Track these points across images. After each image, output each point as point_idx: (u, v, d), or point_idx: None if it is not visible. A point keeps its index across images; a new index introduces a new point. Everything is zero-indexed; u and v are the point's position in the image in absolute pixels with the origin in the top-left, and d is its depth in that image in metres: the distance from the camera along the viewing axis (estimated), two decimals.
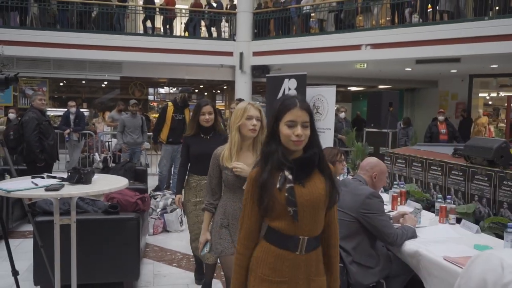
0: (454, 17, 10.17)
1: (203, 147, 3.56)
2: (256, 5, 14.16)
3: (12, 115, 9.30)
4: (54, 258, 2.90)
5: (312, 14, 12.98)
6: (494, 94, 15.57)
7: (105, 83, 16.60)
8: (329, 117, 6.88)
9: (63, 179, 2.86)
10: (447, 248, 2.61)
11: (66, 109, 9.62)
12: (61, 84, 16.40)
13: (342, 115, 9.96)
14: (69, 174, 2.85)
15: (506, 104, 10.37)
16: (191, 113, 6.05)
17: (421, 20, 10.84)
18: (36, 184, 2.73)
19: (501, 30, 9.18)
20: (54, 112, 12.82)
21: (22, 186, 2.67)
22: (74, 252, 2.95)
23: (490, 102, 15.69)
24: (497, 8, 9.73)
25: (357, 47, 11.27)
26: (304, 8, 12.85)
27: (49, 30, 12.10)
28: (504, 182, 3.18)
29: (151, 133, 10.31)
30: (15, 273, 3.08)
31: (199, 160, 3.55)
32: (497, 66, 11.78)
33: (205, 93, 19.35)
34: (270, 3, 13.84)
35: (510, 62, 10.50)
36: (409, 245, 2.75)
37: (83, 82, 16.23)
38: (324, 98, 6.93)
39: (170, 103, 7.25)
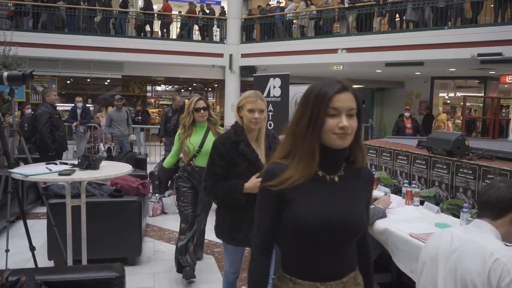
0: (418, 26, 10.28)
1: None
2: (246, 12, 14.10)
3: (28, 111, 9.21)
4: (66, 236, 2.90)
5: (294, 21, 12.99)
6: (452, 94, 15.77)
7: (108, 81, 16.44)
8: None
9: (74, 165, 2.86)
10: (412, 226, 2.65)
11: (73, 104, 9.53)
12: (69, 82, 16.19)
13: None
14: (79, 160, 2.84)
15: (462, 103, 10.54)
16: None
17: (390, 28, 10.94)
18: (50, 170, 2.72)
19: (458, 38, 9.31)
20: (62, 107, 12.65)
21: (38, 171, 2.66)
22: (84, 231, 2.95)
23: (448, 101, 15.88)
24: (452, 19, 9.87)
25: (334, 50, 11.32)
26: (287, 15, 12.85)
27: (58, 33, 11.96)
28: (460, 170, 3.24)
29: (139, 126, 10.33)
30: (32, 248, 3.07)
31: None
32: (454, 69, 11.93)
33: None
34: (257, 10, 13.80)
35: (465, 66, 10.67)
36: (379, 224, 2.79)
37: (88, 80, 16.05)
38: None
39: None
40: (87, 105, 11.45)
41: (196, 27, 13.79)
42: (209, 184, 2.35)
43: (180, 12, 14.79)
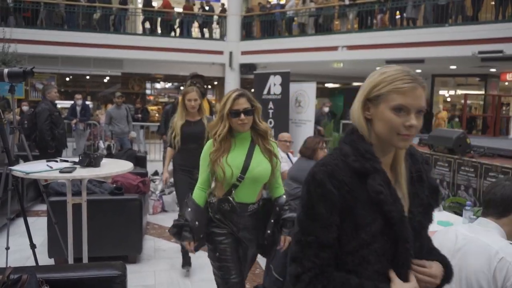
0: (417, 23, 10.27)
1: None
2: (245, 9, 14.07)
3: (25, 108, 9.19)
4: (67, 234, 2.89)
5: (295, 18, 12.97)
6: (452, 92, 15.77)
7: (108, 78, 16.40)
8: (310, 110, 6.93)
9: (74, 162, 2.85)
10: None
11: (72, 102, 9.51)
12: (68, 79, 16.15)
13: (326, 109, 9.98)
14: (80, 158, 2.83)
15: (462, 101, 10.54)
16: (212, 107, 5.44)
17: (390, 25, 10.92)
18: (50, 167, 2.71)
19: (459, 35, 9.30)
20: (61, 104, 12.63)
21: (39, 169, 2.65)
22: (85, 229, 2.94)
23: (449, 99, 15.88)
24: (453, 17, 9.86)
25: (334, 48, 11.30)
26: (287, 12, 12.83)
27: (57, 30, 11.91)
28: (462, 168, 3.24)
29: (139, 123, 10.30)
30: (32, 246, 3.07)
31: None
32: (455, 67, 11.92)
33: None
34: (257, 7, 13.77)
35: (466, 64, 10.66)
36: None
37: (88, 77, 16.02)
38: (305, 92, 6.96)
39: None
40: (87, 102, 11.44)
41: (196, 23, 13.74)
42: (306, 270, 1.11)
43: (181, 9, 14.74)
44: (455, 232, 1.65)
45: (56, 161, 2.93)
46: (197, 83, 4.51)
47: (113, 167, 2.86)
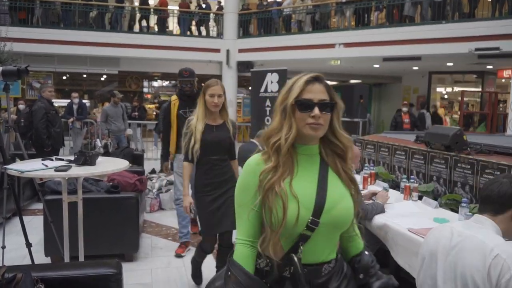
0: (416, 20, 10.27)
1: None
2: (241, 7, 14.05)
3: (22, 106, 9.16)
4: (63, 233, 2.89)
5: (292, 16, 12.95)
6: (449, 89, 15.79)
7: (104, 76, 16.37)
8: None
9: (70, 161, 2.84)
10: (411, 221, 2.64)
11: (69, 100, 9.48)
12: (64, 77, 16.12)
13: None
14: (75, 156, 2.82)
15: (459, 98, 10.56)
16: None
17: (387, 22, 10.92)
18: (46, 166, 2.70)
19: (456, 32, 9.31)
20: (58, 103, 12.59)
21: (34, 167, 2.64)
22: (81, 227, 2.93)
23: (446, 96, 15.90)
24: (450, 14, 9.86)
25: (331, 45, 11.29)
26: (284, 10, 12.81)
27: (54, 28, 11.85)
28: (458, 165, 3.24)
29: (136, 121, 10.30)
30: (28, 245, 3.06)
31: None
32: (452, 64, 11.93)
33: None
34: (255, 5, 13.75)
35: (463, 61, 10.67)
36: (378, 219, 2.78)
37: (84, 75, 15.99)
38: None
39: (173, 97, 4.10)
40: (83, 101, 11.41)
41: (193, 22, 13.72)
42: None
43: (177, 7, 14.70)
44: (451, 229, 1.65)
45: (52, 160, 2.91)
46: (188, 84, 3.93)
47: (109, 165, 2.85)
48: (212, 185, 2.93)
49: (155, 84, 18.76)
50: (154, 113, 12.21)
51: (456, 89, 15.05)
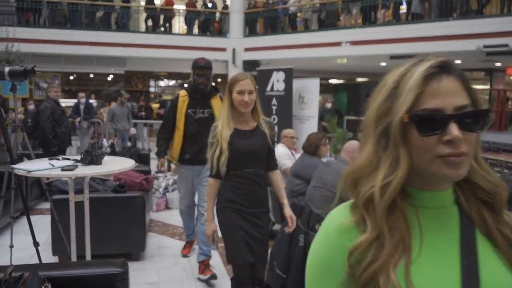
0: (423, 18, 10.20)
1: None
2: (247, 6, 14.05)
3: (31, 106, 9.24)
4: (70, 232, 2.90)
5: (298, 14, 12.92)
6: None
7: (111, 76, 16.47)
8: (313, 106, 6.91)
9: (76, 160, 2.85)
10: None
11: (76, 100, 9.55)
12: (71, 77, 16.24)
13: (329, 105, 9.95)
14: (82, 156, 2.83)
15: None
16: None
17: (394, 20, 10.86)
18: (53, 165, 2.71)
19: (463, 30, 9.24)
20: (65, 103, 12.68)
21: (41, 167, 2.65)
22: (88, 227, 2.95)
23: None
24: (458, 11, 9.79)
25: (337, 43, 11.25)
26: (291, 8, 12.79)
27: (60, 28, 11.94)
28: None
29: (142, 121, 10.33)
30: (36, 244, 3.08)
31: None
32: (460, 61, 11.82)
33: None
34: (261, 3, 13.73)
35: (471, 58, 10.58)
36: None
37: (91, 75, 16.09)
38: (309, 89, 6.94)
39: (182, 92, 3.57)
40: (90, 100, 11.49)
41: (197, 21, 13.74)
42: None
43: (183, 6, 14.73)
44: None
45: (58, 159, 2.93)
46: (204, 76, 3.36)
47: (115, 165, 2.86)
48: (240, 202, 2.30)
49: (161, 83, 18.85)
50: (156, 112, 12.26)
51: None
